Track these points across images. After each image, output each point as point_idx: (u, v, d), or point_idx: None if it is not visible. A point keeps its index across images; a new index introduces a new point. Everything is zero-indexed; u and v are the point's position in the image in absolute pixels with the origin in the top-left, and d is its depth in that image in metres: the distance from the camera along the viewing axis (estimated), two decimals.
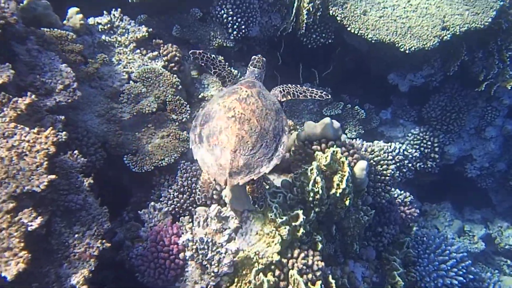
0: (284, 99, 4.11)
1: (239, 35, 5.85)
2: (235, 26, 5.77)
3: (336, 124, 4.28)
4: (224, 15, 5.70)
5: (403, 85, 6.58)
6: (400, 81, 6.58)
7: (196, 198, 3.81)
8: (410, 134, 6.91)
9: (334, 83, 6.85)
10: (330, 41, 6.30)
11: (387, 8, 6.02)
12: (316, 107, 6.70)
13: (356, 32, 5.84)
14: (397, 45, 5.73)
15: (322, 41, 6.27)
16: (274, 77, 6.60)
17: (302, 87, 4.14)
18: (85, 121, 4.48)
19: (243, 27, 5.78)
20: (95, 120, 4.54)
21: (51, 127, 3.42)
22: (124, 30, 5.18)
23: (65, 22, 4.92)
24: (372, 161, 4.67)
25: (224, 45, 5.88)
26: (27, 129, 3.25)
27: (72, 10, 4.90)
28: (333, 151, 4.02)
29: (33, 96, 3.42)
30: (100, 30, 5.09)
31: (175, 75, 4.97)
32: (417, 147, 6.82)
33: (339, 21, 5.93)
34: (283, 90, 4.12)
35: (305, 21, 5.99)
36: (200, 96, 5.46)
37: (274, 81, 6.53)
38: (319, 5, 5.96)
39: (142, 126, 4.71)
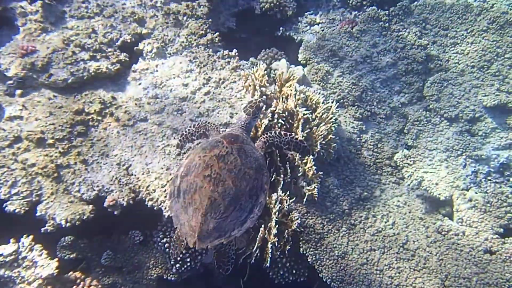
0: (268, 150, 4.06)
1: (183, 268, 4.73)
2: (178, 259, 4.69)
3: None
4: (166, 245, 4.67)
5: None
6: None
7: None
8: None
9: None
10: (302, 279, 5.01)
11: (375, 250, 4.75)
12: None
13: (329, 282, 4.54)
14: None
15: (291, 278, 4.99)
16: None
17: (287, 136, 3.99)
18: None
19: (188, 259, 4.69)
20: None
21: None
22: (31, 263, 4.23)
23: None
24: None
25: (165, 277, 4.76)
26: None
27: None
28: None
29: None
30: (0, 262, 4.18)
31: None
32: None
33: (310, 263, 4.70)
34: (267, 141, 4.00)
35: (270, 256, 4.79)
36: None
37: None
38: (288, 237, 4.79)
39: None
